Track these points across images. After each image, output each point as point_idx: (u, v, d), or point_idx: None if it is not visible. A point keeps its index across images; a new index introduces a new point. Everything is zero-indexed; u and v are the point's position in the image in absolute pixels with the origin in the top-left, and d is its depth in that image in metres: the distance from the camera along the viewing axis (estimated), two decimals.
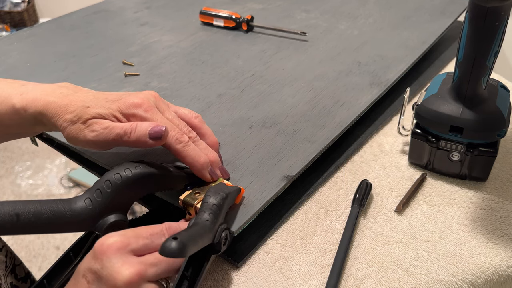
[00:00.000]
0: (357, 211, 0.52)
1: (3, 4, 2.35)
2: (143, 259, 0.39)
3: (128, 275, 0.37)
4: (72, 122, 0.46)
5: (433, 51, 0.86)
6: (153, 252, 0.40)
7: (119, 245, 0.38)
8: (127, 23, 0.92)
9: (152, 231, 0.41)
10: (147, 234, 0.40)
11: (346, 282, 0.46)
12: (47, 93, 0.48)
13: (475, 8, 0.48)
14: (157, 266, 0.39)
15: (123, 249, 0.38)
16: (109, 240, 0.38)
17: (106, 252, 0.38)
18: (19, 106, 0.48)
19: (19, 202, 0.40)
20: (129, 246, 0.39)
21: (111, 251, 0.38)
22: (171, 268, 0.40)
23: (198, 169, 0.48)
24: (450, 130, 0.54)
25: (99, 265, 0.38)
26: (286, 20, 0.90)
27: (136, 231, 0.40)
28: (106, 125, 0.46)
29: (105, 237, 0.39)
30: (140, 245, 0.39)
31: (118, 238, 0.39)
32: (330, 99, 0.66)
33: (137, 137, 0.46)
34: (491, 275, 0.48)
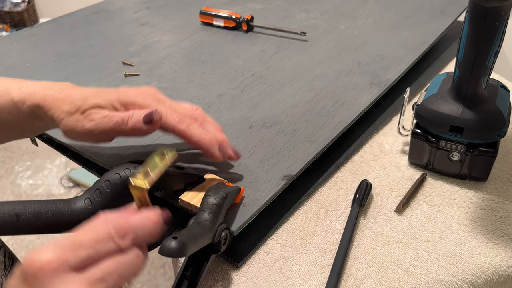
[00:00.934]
0: (357, 211, 0.52)
1: (3, 4, 2.35)
2: (86, 275, 0.31)
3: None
4: (70, 113, 0.46)
5: (433, 51, 0.86)
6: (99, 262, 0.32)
7: (54, 264, 0.30)
8: (127, 23, 0.92)
9: (96, 237, 0.32)
10: (89, 242, 0.32)
11: (346, 282, 0.46)
12: (46, 87, 0.48)
13: (475, 8, 0.48)
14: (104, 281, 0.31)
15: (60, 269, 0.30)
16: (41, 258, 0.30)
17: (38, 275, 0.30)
18: (18, 99, 0.48)
19: (19, 202, 0.40)
20: (67, 262, 0.30)
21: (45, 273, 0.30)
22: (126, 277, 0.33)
23: (206, 146, 0.47)
24: (450, 130, 0.54)
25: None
26: (286, 20, 0.90)
27: (74, 240, 0.32)
28: (105, 114, 0.46)
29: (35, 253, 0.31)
30: (81, 257, 0.31)
31: (51, 255, 0.30)
32: (330, 99, 0.66)
33: (133, 124, 0.45)
34: (491, 275, 0.48)
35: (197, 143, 0.47)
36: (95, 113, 0.46)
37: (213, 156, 0.48)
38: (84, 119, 0.46)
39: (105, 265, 0.32)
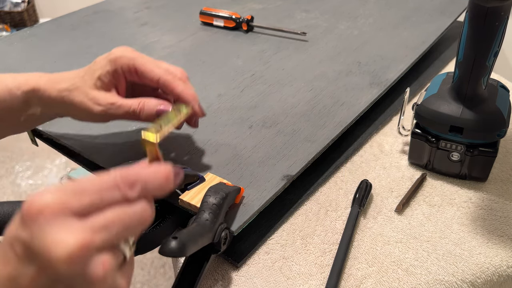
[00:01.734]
0: (357, 211, 0.52)
1: (3, 4, 2.35)
2: (89, 222, 0.28)
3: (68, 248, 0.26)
4: (70, 90, 0.48)
5: (433, 51, 0.86)
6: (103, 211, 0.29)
7: (54, 207, 0.28)
8: (127, 23, 0.92)
9: (101, 185, 0.30)
10: (95, 189, 0.29)
11: (346, 282, 0.46)
12: (40, 74, 0.50)
13: (475, 8, 0.48)
14: (108, 230, 0.29)
15: (60, 212, 0.28)
16: (41, 199, 0.28)
17: (36, 218, 0.27)
18: (12, 85, 0.49)
19: (19, 202, 0.40)
20: (69, 207, 0.28)
21: (44, 217, 0.27)
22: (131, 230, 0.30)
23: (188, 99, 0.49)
24: (450, 130, 0.54)
25: (27, 233, 0.28)
26: (286, 20, 0.90)
27: (79, 185, 0.29)
28: (113, 100, 0.48)
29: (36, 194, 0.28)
30: (84, 203, 0.29)
31: (52, 198, 0.28)
32: (330, 99, 0.66)
33: (146, 116, 0.48)
34: (491, 275, 0.48)
35: (180, 94, 0.49)
36: (101, 97, 0.47)
37: (193, 107, 0.49)
38: (90, 101, 0.47)
39: (109, 213, 0.29)
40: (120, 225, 0.29)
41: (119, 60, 0.48)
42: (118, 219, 0.29)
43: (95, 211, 0.29)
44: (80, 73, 0.49)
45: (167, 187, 0.32)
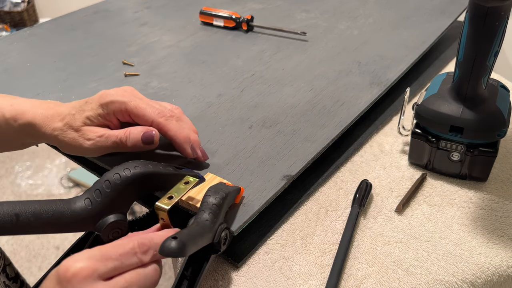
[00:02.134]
0: (357, 211, 0.52)
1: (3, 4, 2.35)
2: (112, 284, 0.36)
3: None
4: (62, 130, 0.49)
5: (433, 51, 0.86)
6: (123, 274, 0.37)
7: (86, 272, 0.35)
8: (127, 23, 0.92)
9: (122, 251, 0.37)
10: (117, 255, 0.37)
11: (346, 282, 0.46)
12: (35, 105, 0.51)
13: (475, 8, 0.48)
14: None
15: (90, 276, 0.35)
16: (75, 266, 0.35)
17: (71, 280, 0.34)
18: (9, 116, 0.50)
19: (19, 202, 0.40)
20: (97, 272, 0.35)
21: (77, 280, 0.34)
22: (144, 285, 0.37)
23: (180, 142, 0.50)
24: (450, 130, 0.54)
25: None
26: (286, 20, 0.90)
27: (104, 252, 0.37)
28: (101, 133, 0.49)
29: (71, 261, 0.35)
30: (109, 268, 0.36)
31: (84, 263, 0.35)
32: (330, 99, 0.66)
33: (133, 144, 0.49)
34: (491, 275, 0.48)
35: (172, 137, 0.50)
36: (90, 132, 0.49)
37: (184, 152, 0.51)
38: (80, 138, 0.49)
39: (128, 276, 0.36)
40: (136, 285, 0.36)
41: (110, 105, 0.49)
42: (135, 280, 0.36)
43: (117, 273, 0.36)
44: (72, 111, 0.50)
45: None
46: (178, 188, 0.47)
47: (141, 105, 0.50)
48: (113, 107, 0.49)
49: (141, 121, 0.50)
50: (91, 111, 0.50)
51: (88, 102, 0.50)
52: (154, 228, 0.44)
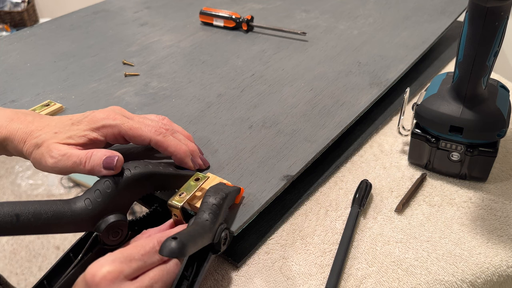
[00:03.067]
0: (357, 211, 0.52)
1: (3, 4, 2.35)
2: (138, 283, 0.38)
3: None
4: (37, 146, 0.46)
5: (433, 51, 0.86)
6: (147, 272, 0.39)
7: (112, 275, 0.36)
8: (127, 23, 0.92)
9: (144, 251, 0.39)
10: (139, 255, 0.39)
11: (346, 282, 0.46)
12: (11, 119, 0.49)
13: (475, 8, 0.48)
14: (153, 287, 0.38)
15: (117, 278, 0.37)
16: (101, 270, 0.36)
17: (99, 284, 0.36)
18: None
19: (19, 202, 0.40)
20: (123, 273, 0.37)
21: (105, 283, 0.36)
22: (168, 283, 0.39)
23: (181, 157, 0.49)
24: (450, 130, 0.54)
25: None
26: (286, 20, 0.90)
27: (127, 253, 0.38)
28: (64, 151, 0.45)
29: (96, 266, 0.37)
30: (133, 268, 0.38)
31: (110, 267, 0.37)
32: (330, 99, 0.66)
33: (92, 167, 0.45)
34: (491, 275, 0.48)
35: (173, 153, 0.49)
36: (56, 149, 0.46)
37: (186, 166, 0.50)
38: (47, 154, 0.46)
39: (152, 273, 0.39)
40: (161, 282, 0.39)
41: (102, 130, 0.47)
42: (159, 277, 0.39)
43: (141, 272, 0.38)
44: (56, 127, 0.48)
45: None
46: (189, 185, 0.48)
47: (135, 125, 0.48)
48: (106, 131, 0.47)
49: (138, 141, 0.48)
50: (78, 131, 0.47)
51: (74, 124, 0.48)
52: (167, 224, 0.46)
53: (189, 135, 0.54)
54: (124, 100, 0.67)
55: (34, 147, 0.47)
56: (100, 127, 0.47)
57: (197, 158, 0.51)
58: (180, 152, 0.49)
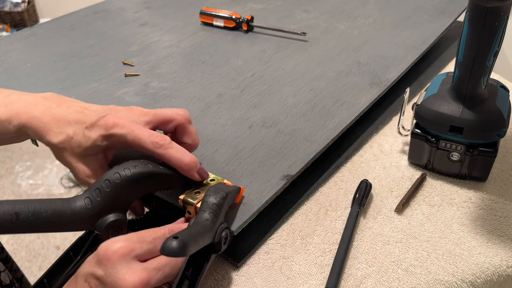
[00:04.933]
0: (357, 211, 0.52)
1: (3, 4, 2.35)
2: (147, 264, 0.39)
3: (132, 283, 0.37)
4: (58, 148, 0.48)
5: (433, 51, 0.86)
6: (156, 257, 0.40)
7: (124, 251, 0.38)
8: (127, 23, 0.92)
9: (155, 235, 0.40)
10: (151, 239, 0.40)
11: (346, 282, 0.46)
12: (30, 105, 0.49)
13: (475, 8, 0.48)
14: (160, 271, 0.39)
15: (128, 255, 0.38)
16: (114, 245, 0.38)
17: (110, 259, 0.37)
18: (4, 118, 0.49)
19: (19, 201, 0.40)
20: (134, 252, 0.38)
21: (116, 258, 0.37)
22: (173, 272, 0.40)
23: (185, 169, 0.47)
24: (450, 130, 0.54)
25: (103, 271, 0.38)
26: (286, 20, 0.90)
27: (140, 235, 0.40)
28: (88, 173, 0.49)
29: (109, 242, 0.38)
30: (144, 250, 0.39)
31: (123, 243, 0.38)
32: (330, 99, 0.66)
33: None
34: (491, 275, 0.48)
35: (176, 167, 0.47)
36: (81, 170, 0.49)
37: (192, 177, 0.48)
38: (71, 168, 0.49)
39: (160, 259, 0.40)
40: (169, 268, 0.39)
41: (110, 139, 0.47)
42: (166, 263, 0.39)
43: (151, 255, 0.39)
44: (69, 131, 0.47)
45: None
46: (204, 184, 0.49)
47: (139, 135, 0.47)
48: (113, 140, 0.48)
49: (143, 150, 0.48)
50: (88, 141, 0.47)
51: (88, 127, 0.48)
52: (180, 221, 0.47)
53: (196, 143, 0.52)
54: (124, 100, 0.67)
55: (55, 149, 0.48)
56: (110, 136, 0.47)
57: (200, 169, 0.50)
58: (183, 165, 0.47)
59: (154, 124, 0.49)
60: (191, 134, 0.51)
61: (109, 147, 0.49)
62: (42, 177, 1.93)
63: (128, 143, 0.47)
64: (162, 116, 0.50)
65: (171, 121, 0.50)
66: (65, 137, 0.47)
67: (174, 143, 0.48)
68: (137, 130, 0.47)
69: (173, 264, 0.40)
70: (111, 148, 0.49)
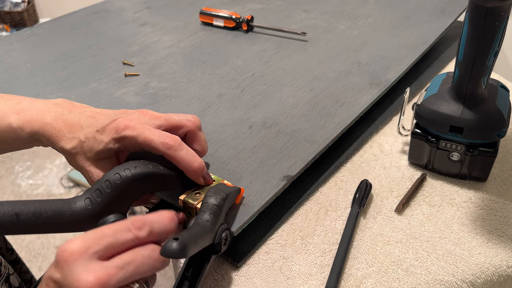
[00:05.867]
0: (357, 211, 0.52)
1: (3, 4, 2.35)
2: (107, 263, 0.36)
3: (87, 283, 0.34)
4: (71, 154, 0.48)
5: (433, 51, 0.86)
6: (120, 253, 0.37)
7: (80, 250, 0.35)
8: (127, 23, 0.92)
9: (115, 229, 0.37)
10: (111, 232, 0.37)
11: (346, 282, 0.46)
12: (43, 112, 0.49)
13: (475, 8, 0.48)
14: (123, 269, 0.36)
15: (85, 254, 0.35)
16: (70, 246, 0.35)
17: (66, 260, 0.35)
18: (16, 125, 0.49)
19: (19, 202, 0.40)
20: (91, 249, 0.35)
21: (72, 258, 0.35)
22: (140, 270, 0.37)
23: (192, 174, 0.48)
24: (450, 130, 0.54)
25: (59, 273, 0.35)
26: (286, 20, 0.90)
27: (98, 231, 0.37)
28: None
29: (66, 243, 0.36)
30: (103, 245, 0.36)
31: (79, 243, 0.36)
32: (330, 99, 0.66)
33: None
34: (491, 275, 0.48)
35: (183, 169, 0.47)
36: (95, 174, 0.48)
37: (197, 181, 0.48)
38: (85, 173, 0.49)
39: (125, 256, 0.36)
40: (134, 265, 0.36)
41: (121, 141, 0.48)
42: (132, 259, 0.36)
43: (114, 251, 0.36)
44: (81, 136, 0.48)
45: (171, 229, 0.40)
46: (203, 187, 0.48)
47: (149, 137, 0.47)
48: (125, 142, 0.48)
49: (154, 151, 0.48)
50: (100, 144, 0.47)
51: (99, 131, 0.48)
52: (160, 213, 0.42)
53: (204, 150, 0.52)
54: (124, 100, 0.67)
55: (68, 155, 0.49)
56: (121, 138, 0.47)
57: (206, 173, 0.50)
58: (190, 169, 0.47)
59: (164, 128, 0.49)
60: (200, 142, 0.51)
61: (121, 150, 0.49)
62: (42, 177, 1.93)
63: (139, 144, 0.47)
64: (173, 121, 0.49)
65: (181, 127, 0.50)
66: (77, 142, 0.48)
67: (185, 144, 0.48)
68: (147, 132, 0.47)
69: (139, 262, 0.36)
70: (123, 151, 0.49)
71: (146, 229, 0.38)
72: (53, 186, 1.89)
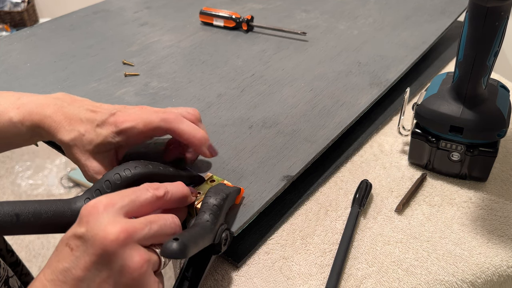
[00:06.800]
0: (357, 211, 0.52)
1: (3, 4, 2.35)
2: (132, 219, 0.37)
3: (115, 232, 0.34)
4: (69, 146, 0.48)
5: (433, 51, 0.86)
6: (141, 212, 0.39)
7: (105, 203, 0.36)
8: (127, 23, 0.92)
9: (134, 189, 0.39)
10: (131, 191, 0.39)
11: (346, 282, 0.46)
12: (42, 105, 0.49)
13: (475, 8, 0.48)
14: (147, 227, 0.37)
15: (111, 207, 0.36)
16: (94, 201, 0.37)
17: (92, 213, 0.36)
18: (16, 119, 0.49)
19: (19, 202, 0.40)
20: (117, 204, 0.37)
21: (98, 211, 0.36)
22: (162, 232, 0.38)
23: (196, 144, 0.48)
24: (450, 130, 0.54)
25: (84, 228, 0.35)
26: (286, 20, 0.90)
27: (120, 192, 0.39)
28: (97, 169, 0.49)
29: (90, 201, 0.37)
30: (127, 202, 0.37)
31: (103, 198, 0.37)
32: (330, 99, 0.66)
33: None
34: (491, 275, 0.48)
35: (187, 141, 0.48)
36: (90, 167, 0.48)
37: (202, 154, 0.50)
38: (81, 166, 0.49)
39: (149, 216, 0.38)
40: (158, 225, 0.37)
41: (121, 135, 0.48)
42: (155, 220, 0.38)
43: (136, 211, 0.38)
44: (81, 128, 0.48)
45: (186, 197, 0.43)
46: (205, 186, 0.49)
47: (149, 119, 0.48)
48: (125, 135, 0.48)
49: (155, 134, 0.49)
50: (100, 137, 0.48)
51: (98, 125, 0.48)
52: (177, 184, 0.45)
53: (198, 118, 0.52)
54: (124, 100, 0.67)
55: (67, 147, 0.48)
56: (121, 131, 0.48)
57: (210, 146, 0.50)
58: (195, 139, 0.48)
59: None
60: None
61: (121, 144, 0.49)
62: (42, 177, 1.93)
63: (140, 132, 0.48)
64: None
65: None
66: (76, 135, 0.48)
67: (184, 118, 0.49)
68: (145, 116, 0.48)
69: (162, 224, 0.38)
70: (123, 146, 0.49)
71: (162, 189, 0.40)
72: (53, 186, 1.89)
